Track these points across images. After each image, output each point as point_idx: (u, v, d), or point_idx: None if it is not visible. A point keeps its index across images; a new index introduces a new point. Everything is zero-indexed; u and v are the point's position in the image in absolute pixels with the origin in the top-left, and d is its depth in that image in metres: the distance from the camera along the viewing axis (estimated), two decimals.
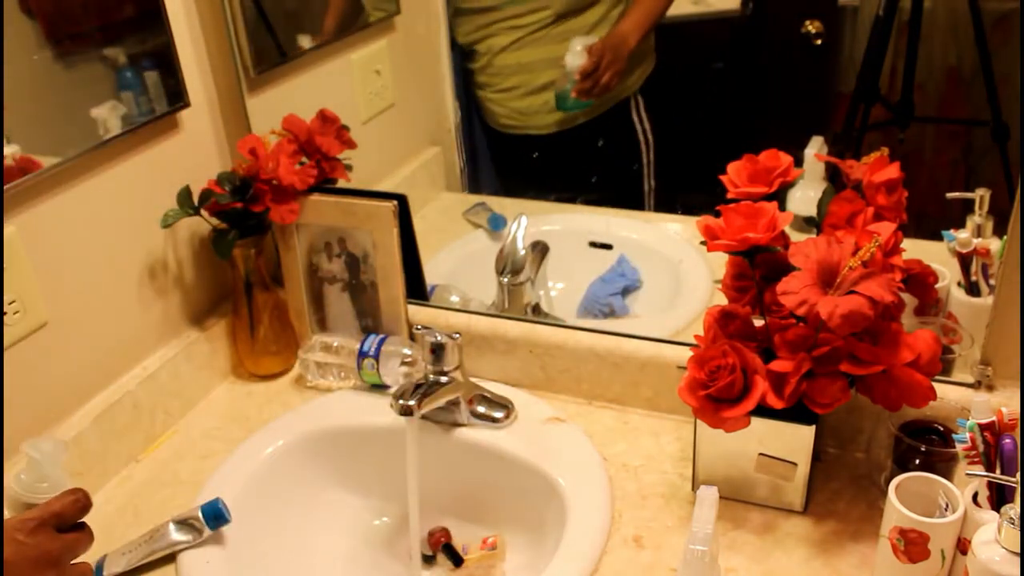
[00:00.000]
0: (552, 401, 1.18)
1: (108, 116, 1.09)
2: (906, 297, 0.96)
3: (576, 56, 1.39)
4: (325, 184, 1.24)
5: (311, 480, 1.15)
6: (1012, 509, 0.73)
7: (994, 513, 0.80)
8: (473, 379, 1.16)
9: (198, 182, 1.19)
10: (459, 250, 1.42)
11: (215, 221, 1.20)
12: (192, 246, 1.25)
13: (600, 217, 1.41)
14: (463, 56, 1.49)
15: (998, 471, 0.82)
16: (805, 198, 1.03)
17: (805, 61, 1.27)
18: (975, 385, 1.01)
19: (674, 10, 1.34)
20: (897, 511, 0.82)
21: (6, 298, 0.98)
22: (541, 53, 1.42)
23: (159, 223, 1.16)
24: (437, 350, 1.09)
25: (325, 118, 1.25)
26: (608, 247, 1.38)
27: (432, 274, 1.32)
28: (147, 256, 1.18)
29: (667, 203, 1.43)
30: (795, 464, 0.96)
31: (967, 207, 1.05)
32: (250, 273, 1.24)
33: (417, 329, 1.11)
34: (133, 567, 0.96)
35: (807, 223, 1.00)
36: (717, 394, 0.89)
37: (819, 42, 1.24)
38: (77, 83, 1.06)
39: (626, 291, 1.34)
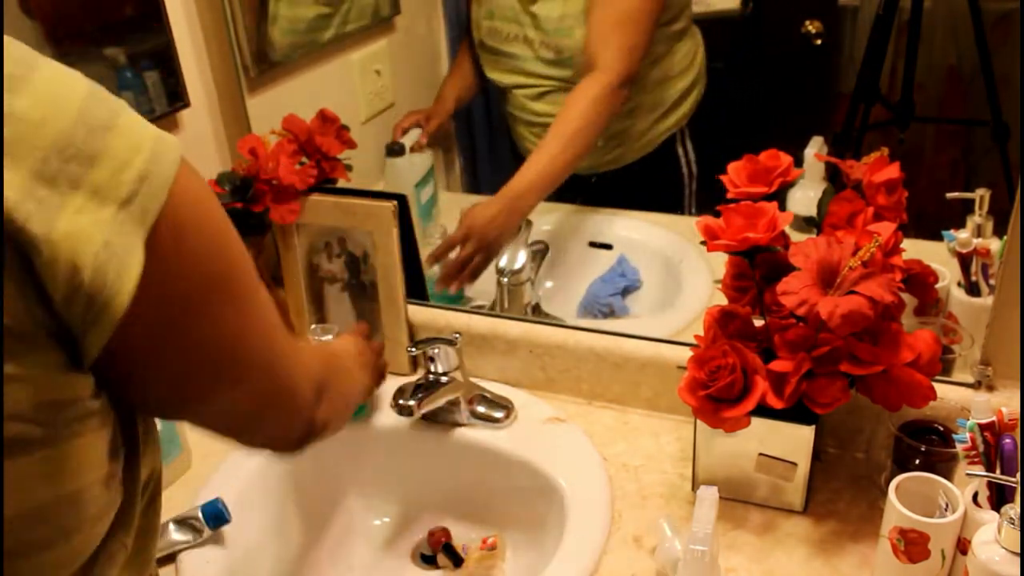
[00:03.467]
0: (552, 401, 1.18)
1: None
2: (906, 297, 0.96)
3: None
4: (325, 184, 1.24)
5: (312, 480, 1.15)
6: (1012, 509, 0.73)
7: (994, 513, 0.80)
8: (473, 379, 1.16)
9: None
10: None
11: None
12: None
13: (600, 217, 1.41)
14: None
15: (998, 471, 0.82)
16: (805, 198, 1.03)
17: (805, 61, 1.27)
18: (975, 385, 1.01)
19: None
20: (897, 511, 0.82)
21: None
22: None
23: None
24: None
25: (325, 118, 1.25)
26: (608, 247, 1.38)
27: (432, 274, 1.32)
28: None
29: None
30: (795, 464, 0.96)
31: (967, 207, 1.05)
32: None
33: (410, 351, 1.11)
34: None
35: (807, 223, 1.00)
36: (717, 394, 0.89)
37: (819, 42, 1.24)
38: None
39: (626, 291, 1.34)
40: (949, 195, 1.06)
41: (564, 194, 1.45)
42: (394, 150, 1.40)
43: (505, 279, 1.24)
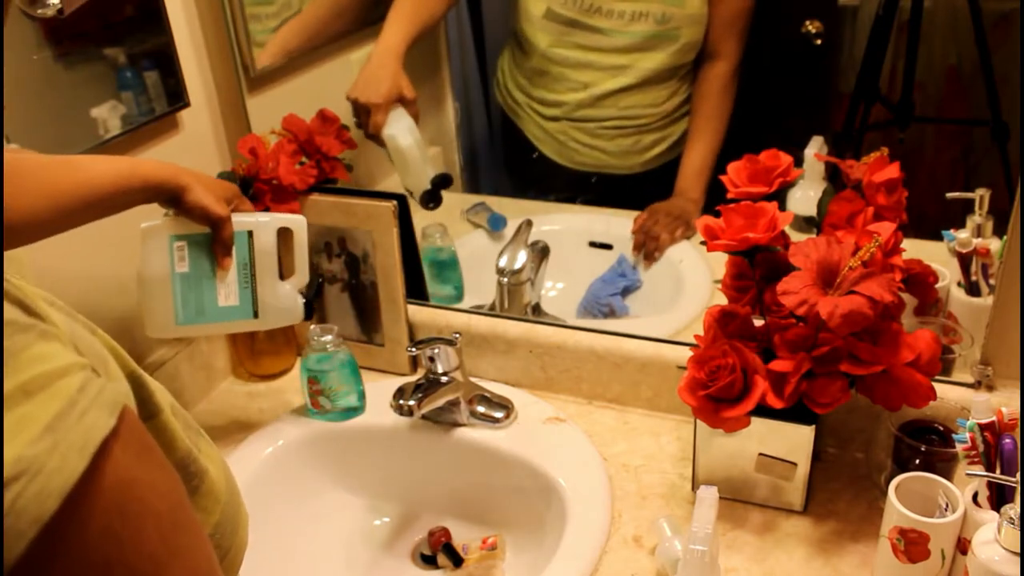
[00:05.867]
0: (552, 401, 1.18)
1: (108, 116, 1.09)
2: (906, 297, 0.96)
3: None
4: (325, 184, 1.24)
5: (311, 480, 1.15)
6: (1012, 509, 0.73)
7: (994, 513, 0.80)
8: (473, 379, 1.16)
9: None
10: (459, 250, 1.42)
11: None
12: None
13: (600, 217, 1.41)
14: (523, 71, 1.39)
15: (998, 471, 0.83)
16: (805, 198, 1.03)
17: (805, 61, 1.27)
18: (975, 385, 1.01)
19: None
20: (897, 511, 0.82)
21: None
22: (650, 99, 1.33)
23: None
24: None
25: (325, 118, 1.25)
26: (608, 247, 1.38)
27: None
28: None
29: None
30: (795, 464, 0.96)
31: (967, 207, 1.05)
32: None
33: (410, 351, 1.11)
34: None
35: (807, 223, 1.00)
36: (717, 394, 0.89)
37: (819, 42, 1.24)
38: (77, 83, 1.06)
39: (626, 291, 1.34)
40: (949, 195, 1.06)
41: (564, 193, 1.45)
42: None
43: (505, 279, 1.24)
